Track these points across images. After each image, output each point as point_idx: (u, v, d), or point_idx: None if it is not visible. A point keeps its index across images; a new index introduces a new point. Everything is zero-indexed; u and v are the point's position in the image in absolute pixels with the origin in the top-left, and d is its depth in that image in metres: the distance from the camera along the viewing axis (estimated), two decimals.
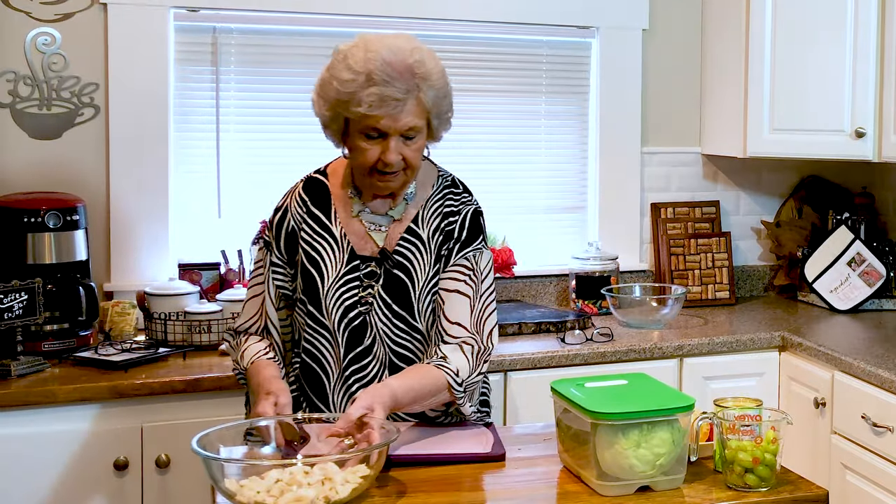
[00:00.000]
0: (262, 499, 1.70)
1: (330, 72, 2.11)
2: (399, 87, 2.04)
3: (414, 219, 2.21)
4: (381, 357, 2.18)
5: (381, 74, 2.03)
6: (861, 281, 3.58)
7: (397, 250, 2.18)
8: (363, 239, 2.19)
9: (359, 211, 2.20)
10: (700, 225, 3.85)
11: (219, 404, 2.69)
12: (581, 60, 3.75)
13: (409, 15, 3.47)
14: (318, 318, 2.17)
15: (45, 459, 2.57)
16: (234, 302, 3.03)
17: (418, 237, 2.20)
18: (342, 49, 2.11)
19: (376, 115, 2.04)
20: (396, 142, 2.08)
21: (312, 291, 2.17)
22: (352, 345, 2.17)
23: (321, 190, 2.24)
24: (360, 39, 2.11)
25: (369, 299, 2.17)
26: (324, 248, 2.18)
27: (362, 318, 2.17)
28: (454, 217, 2.23)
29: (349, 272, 2.17)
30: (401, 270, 2.18)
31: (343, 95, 2.06)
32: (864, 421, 2.79)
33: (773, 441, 1.86)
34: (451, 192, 2.26)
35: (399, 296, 2.17)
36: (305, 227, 2.20)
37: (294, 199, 2.24)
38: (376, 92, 2.03)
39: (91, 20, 3.17)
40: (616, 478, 1.83)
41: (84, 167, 3.18)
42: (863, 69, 3.38)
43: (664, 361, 3.12)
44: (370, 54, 2.04)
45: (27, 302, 2.69)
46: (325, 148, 3.46)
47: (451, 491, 1.86)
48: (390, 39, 2.09)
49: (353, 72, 2.05)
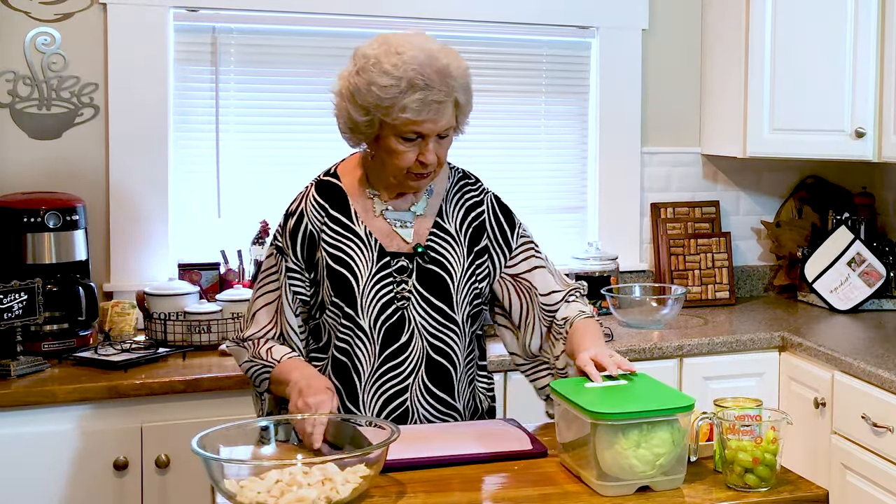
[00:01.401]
0: (262, 499, 1.70)
1: (363, 77, 2.07)
2: (440, 90, 2.05)
3: (438, 213, 2.24)
4: (419, 352, 2.18)
5: (422, 79, 2.04)
6: (861, 281, 3.58)
7: (430, 245, 2.20)
8: (389, 236, 2.20)
9: (381, 210, 2.21)
10: (700, 225, 3.85)
11: (219, 404, 2.69)
12: (581, 60, 3.75)
13: (409, 15, 3.47)
14: (354, 318, 2.16)
15: (45, 459, 2.57)
16: (234, 302, 3.03)
17: (447, 231, 2.23)
18: (369, 53, 2.08)
19: (420, 119, 2.05)
20: (433, 142, 2.10)
21: (346, 292, 2.16)
22: (388, 342, 2.17)
23: (336, 192, 2.22)
24: (385, 42, 2.09)
25: (405, 294, 2.18)
26: (351, 248, 2.17)
27: (399, 314, 2.17)
28: (479, 208, 2.27)
29: (381, 269, 2.17)
30: (436, 265, 2.20)
31: (384, 101, 2.05)
32: (864, 421, 2.79)
33: (773, 441, 1.86)
34: (466, 183, 2.30)
35: (437, 289, 2.19)
36: (327, 230, 2.18)
37: (309, 203, 2.21)
38: (420, 97, 2.04)
39: (91, 20, 3.17)
40: (616, 478, 1.83)
41: (84, 167, 3.18)
42: (863, 69, 3.38)
43: (664, 361, 3.12)
44: (404, 57, 2.04)
45: (27, 302, 2.69)
46: (325, 147, 3.47)
47: (450, 491, 1.86)
48: (414, 40, 2.09)
49: (392, 77, 2.04)
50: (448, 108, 2.08)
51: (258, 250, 3.29)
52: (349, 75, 2.11)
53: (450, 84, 2.07)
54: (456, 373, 2.21)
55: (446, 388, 2.21)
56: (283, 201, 3.38)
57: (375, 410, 2.17)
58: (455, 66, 2.08)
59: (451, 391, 2.21)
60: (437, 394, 2.20)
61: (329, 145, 3.45)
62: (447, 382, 2.21)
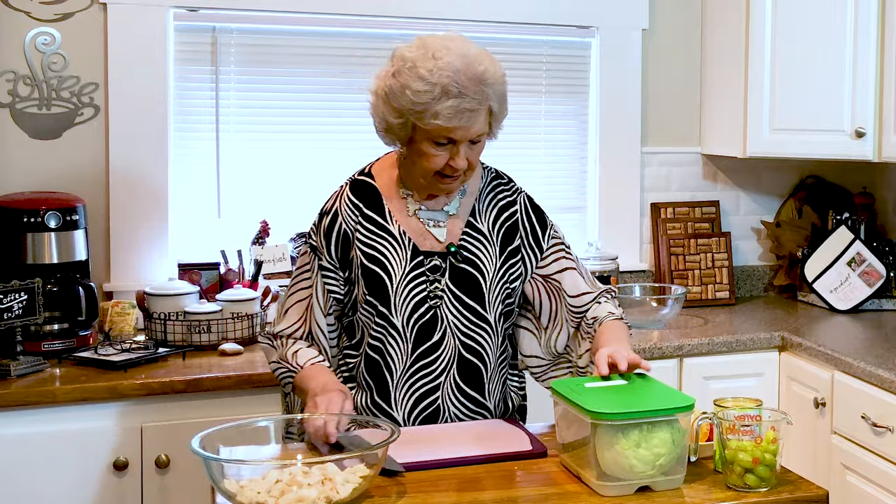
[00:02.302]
0: (262, 499, 1.70)
1: (399, 80, 2.08)
2: (473, 98, 2.06)
3: (471, 212, 2.25)
4: (451, 350, 2.20)
5: (456, 87, 2.04)
6: (861, 281, 3.58)
7: (462, 245, 2.22)
8: (422, 235, 2.21)
9: (415, 210, 2.22)
10: (700, 225, 3.85)
11: (219, 404, 2.69)
12: (581, 60, 3.75)
13: (409, 15, 3.47)
14: (387, 317, 2.17)
15: (45, 459, 2.57)
16: (234, 302, 3.03)
17: (479, 231, 2.24)
18: (407, 56, 2.09)
19: (452, 126, 2.06)
20: (465, 147, 2.11)
21: (380, 291, 2.17)
22: (421, 340, 2.18)
23: (370, 191, 2.23)
24: (424, 45, 2.10)
25: (438, 293, 2.19)
26: (385, 247, 2.18)
27: (432, 313, 2.18)
28: (512, 208, 2.29)
29: (415, 268, 2.18)
30: (468, 264, 2.21)
31: (418, 106, 2.06)
32: (864, 421, 2.79)
33: (773, 441, 1.86)
34: (499, 183, 2.32)
35: (470, 288, 2.20)
36: (361, 229, 2.19)
37: (343, 203, 2.22)
38: (453, 105, 2.04)
39: (91, 20, 3.17)
40: (616, 478, 1.83)
41: (84, 167, 3.18)
42: (863, 69, 3.38)
43: (664, 361, 3.12)
44: (440, 63, 2.05)
45: (27, 302, 2.69)
46: (325, 148, 3.48)
47: (450, 491, 1.86)
48: (452, 44, 2.09)
49: (426, 83, 2.04)
50: (481, 115, 2.09)
51: (258, 250, 3.29)
52: (385, 76, 2.12)
53: (484, 92, 2.07)
54: (487, 371, 2.23)
55: (477, 386, 2.22)
56: (283, 201, 3.42)
57: (407, 409, 2.18)
58: (491, 72, 2.09)
59: (481, 390, 2.23)
60: (468, 392, 2.22)
61: (329, 145, 3.49)
62: (478, 381, 2.22)
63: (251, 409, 2.69)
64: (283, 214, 3.39)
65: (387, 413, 2.19)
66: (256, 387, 2.73)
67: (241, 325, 3.00)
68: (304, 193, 3.45)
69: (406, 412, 2.18)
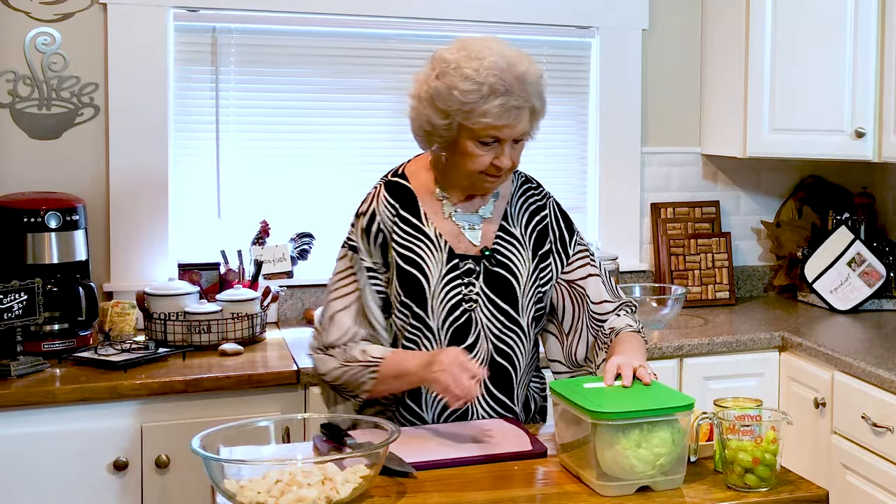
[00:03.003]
0: (262, 499, 1.70)
1: (444, 81, 2.10)
2: (519, 96, 2.09)
3: (504, 216, 2.27)
4: (484, 353, 2.20)
5: (503, 85, 2.07)
6: (861, 281, 3.58)
7: (496, 248, 2.23)
8: (457, 238, 2.22)
9: (451, 212, 2.23)
10: (700, 225, 3.85)
11: (219, 404, 2.69)
12: (581, 60, 3.75)
13: (409, 15, 3.47)
14: (423, 319, 2.18)
15: (45, 459, 2.57)
16: (234, 302, 3.03)
17: (512, 235, 2.26)
18: (448, 58, 2.11)
19: (500, 124, 2.09)
20: (510, 147, 2.14)
21: (417, 293, 2.18)
22: (455, 343, 2.18)
23: (405, 193, 2.24)
24: (464, 47, 2.13)
25: (473, 296, 2.20)
26: (422, 249, 2.19)
27: (467, 316, 2.19)
28: (543, 212, 2.31)
29: (451, 271, 2.19)
30: (502, 268, 2.22)
31: (466, 106, 2.08)
32: (864, 421, 2.79)
33: (774, 441, 1.86)
34: (530, 187, 2.34)
35: (503, 292, 2.22)
36: (397, 230, 2.20)
37: (381, 203, 2.22)
38: (501, 103, 2.07)
39: (91, 20, 3.17)
40: (616, 478, 1.83)
41: (84, 167, 3.18)
42: (863, 69, 3.38)
43: (664, 361, 3.12)
44: (485, 63, 2.07)
45: (27, 302, 2.69)
46: (325, 147, 3.48)
47: (450, 491, 1.86)
48: (492, 45, 2.13)
49: (474, 82, 2.07)
50: (526, 113, 2.13)
51: (258, 250, 3.29)
52: (427, 79, 2.14)
53: (527, 90, 2.11)
54: (516, 375, 2.24)
55: (506, 389, 2.23)
56: (283, 201, 3.42)
57: (437, 410, 2.19)
58: (531, 71, 2.13)
59: (510, 393, 2.24)
60: (497, 395, 2.23)
61: (329, 145, 3.49)
62: (507, 384, 2.23)
63: (251, 409, 2.69)
64: (283, 214, 3.40)
65: (417, 414, 2.20)
66: (256, 387, 2.73)
67: (241, 325, 3.00)
68: (304, 193, 3.46)
69: (436, 413, 2.19)
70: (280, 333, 3.18)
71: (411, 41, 3.53)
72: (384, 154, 3.45)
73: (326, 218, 3.44)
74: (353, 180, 3.48)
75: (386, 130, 3.50)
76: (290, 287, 3.37)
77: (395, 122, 3.53)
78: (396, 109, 3.53)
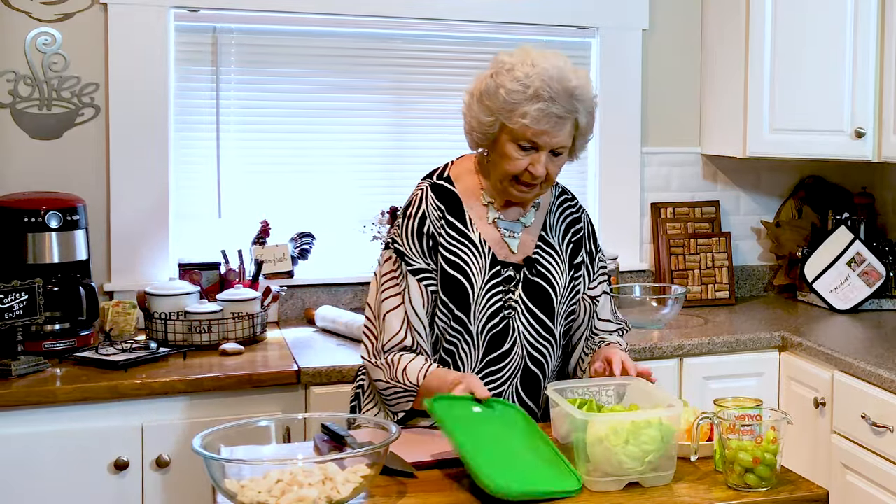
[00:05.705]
0: (263, 499, 1.70)
1: (495, 80, 2.16)
2: (562, 106, 2.14)
3: (543, 226, 2.30)
4: (518, 360, 2.24)
5: (548, 92, 2.12)
6: (861, 281, 3.58)
7: (535, 258, 2.27)
8: (500, 244, 2.25)
9: (494, 218, 2.26)
10: (700, 225, 3.85)
11: (219, 404, 2.70)
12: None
13: (409, 15, 3.47)
14: (465, 323, 2.20)
15: (45, 459, 2.58)
16: (235, 302, 3.04)
17: (550, 245, 2.30)
18: (507, 60, 2.18)
19: (538, 129, 2.12)
20: (546, 156, 2.16)
21: (461, 297, 2.20)
22: (492, 348, 2.22)
23: (451, 196, 2.26)
24: (524, 53, 2.18)
25: (512, 303, 2.23)
26: (467, 254, 2.22)
27: (505, 323, 2.23)
28: (578, 224, 2.36)
29: (493, 277, 2.22)
30: (540, 277, 2.26)
31: (508, 105, 2.13)
32: (864, 421, 2.79)
33: (774, 441, 1.86)
34: (566, 199, 2.39)
35: (541, 301, 2.26)
36: (444, 233, 2.22)
37: (430, 206, 2.23)
38: (541, 107, 2.12)
39: (91, 20, 3.18)
40: (605, 473, 1.83)
41: (84, 167, 3.18)
42: (863, 69, 3.38)
43: (664, 361, 3.12)
44: (536, 69, 2.13)
45: (27, 302, 2.70)
46: (325, 147, 3.48)
47: (450, 491, 1.86)
48: (552, 58, 2.18)
49: (520, 84, 2.13)
50: (567, 125, 2.16)
51: (259, 250, 3.29)
52: (484, 78, 2.20)
53: (574, 104, 2.15)
54: (545, 382, 2.27)
55: (534, 396, 2.27)
56: (283, 201, 3.42)
57: None
58: (582, 88, 2.17)
59: (537, 400, 2.28)
60: (526, 401, 2.26)
61: (329, 145, 3.49)
62: (536, 391, 2.27)
63: (251, 409, 2.69)
64: (283, 214, 3.40)
65: None
66: (257, 387, 2.73)
67: (241, 325, 3.00)
68: (305, 193, 3.46)
69: None
70: (281, 333, 3.19)
71: (411, 41, 3.53)
72: (384, 154, 3.45)
73: (327, 217, 3.45)
74: (354, 180, 3.48)
75: (386, 130, 3.50)
76: (290, 287, 3.37)
77: (395, 122, 3.54)
78: (397, 109, 3.55)
